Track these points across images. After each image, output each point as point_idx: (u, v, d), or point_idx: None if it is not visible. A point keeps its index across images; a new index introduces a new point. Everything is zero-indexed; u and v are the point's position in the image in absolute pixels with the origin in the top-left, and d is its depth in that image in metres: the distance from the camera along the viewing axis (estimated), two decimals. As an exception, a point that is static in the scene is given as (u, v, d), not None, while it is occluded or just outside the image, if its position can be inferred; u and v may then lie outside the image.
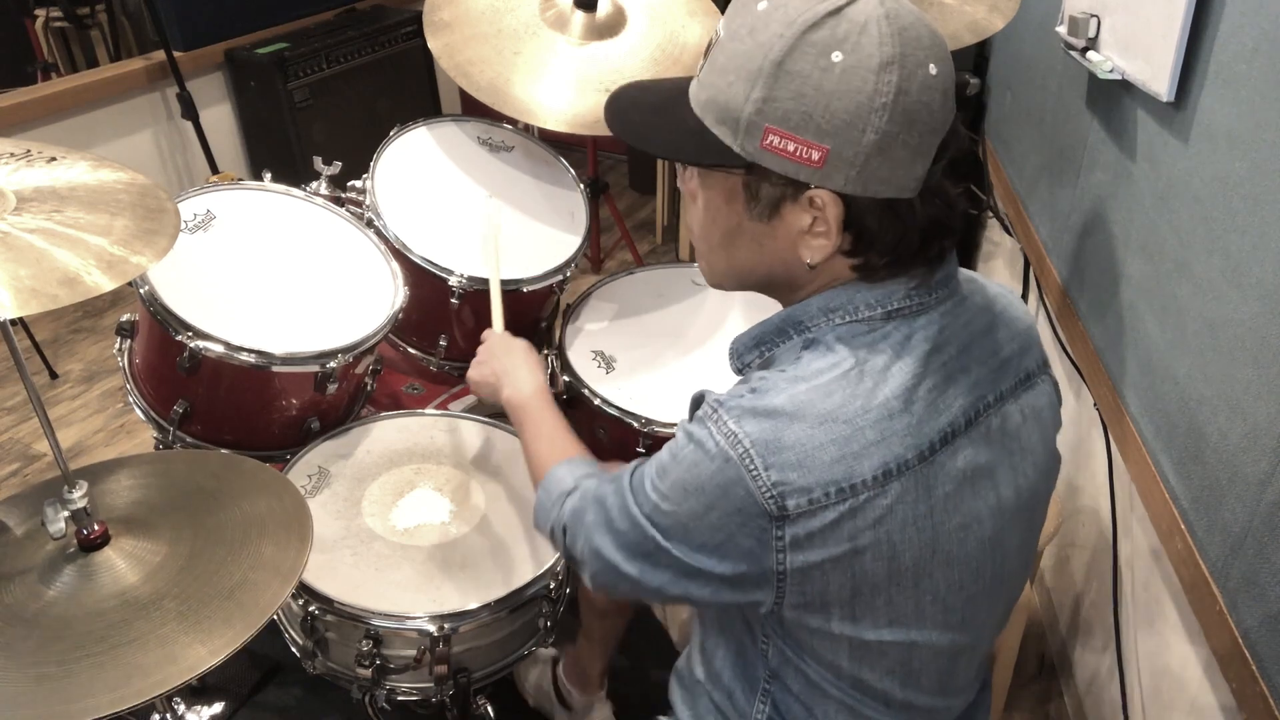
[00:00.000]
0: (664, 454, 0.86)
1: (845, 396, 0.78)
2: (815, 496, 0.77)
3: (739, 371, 0.92)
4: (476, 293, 1.60)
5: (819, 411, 0.77)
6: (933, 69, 0.75)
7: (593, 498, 0.94)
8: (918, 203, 0.78)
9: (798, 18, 0.75)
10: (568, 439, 1.14)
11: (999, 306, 0.91)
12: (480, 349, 1.34)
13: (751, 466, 0.77)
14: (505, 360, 1.28)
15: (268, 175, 1.67)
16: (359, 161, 1.73)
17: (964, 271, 0.90)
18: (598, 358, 1.61)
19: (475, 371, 1.31)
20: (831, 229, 0.79)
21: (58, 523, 1.08)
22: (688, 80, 0.85)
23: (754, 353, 0.89)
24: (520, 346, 1.31)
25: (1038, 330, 0.94)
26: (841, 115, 0.74)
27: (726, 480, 0.78)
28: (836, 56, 0.74)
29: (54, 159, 1.09)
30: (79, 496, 1.08)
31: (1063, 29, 1.62)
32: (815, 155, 0.76)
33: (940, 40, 0.78)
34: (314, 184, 1.70)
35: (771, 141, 0.77)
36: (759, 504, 0.77)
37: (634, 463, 0.92)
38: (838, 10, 0.74)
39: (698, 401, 0.86)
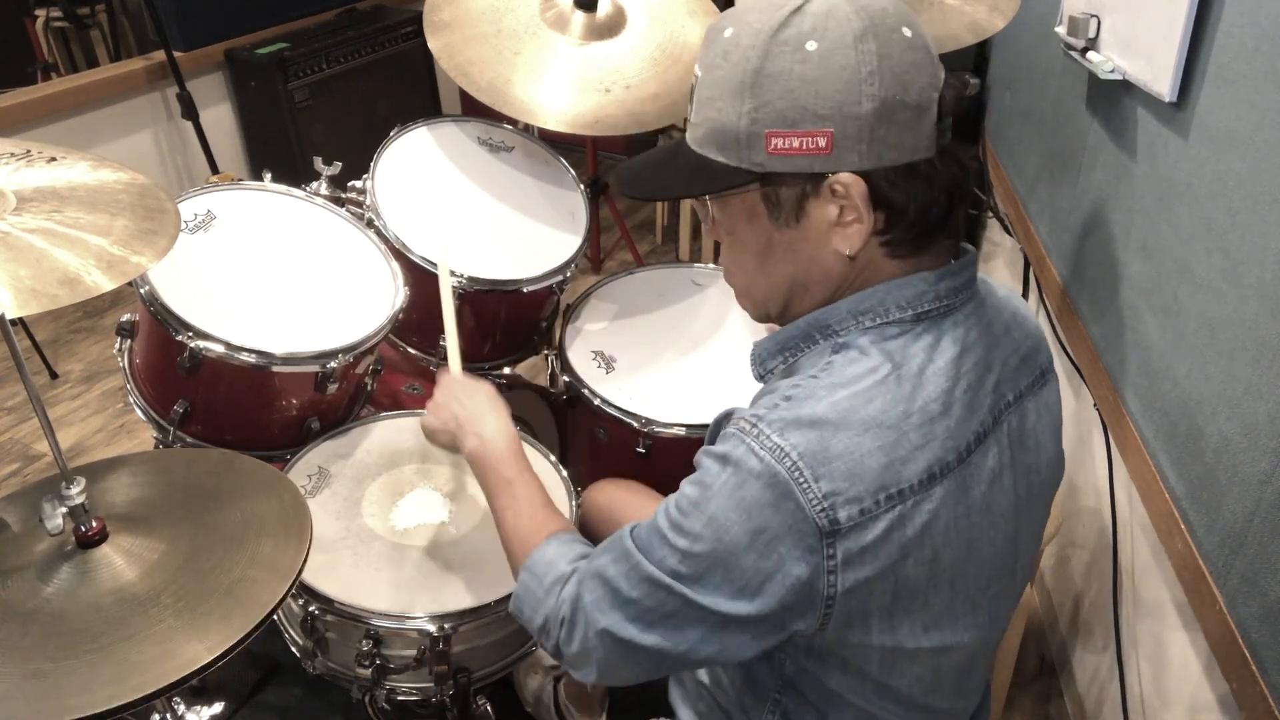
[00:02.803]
0: (688, 492, 0.81)
1: (887, 401, 0.78)
2: (866, 506, 0.76)
3: (761, 378, 0.90)
4: (477, 293, 1.60)
5: (863, 418, 0.77)
6: (906, 31, 0.77)
7: (590, 574, 0.87)
8: (938, 162, 0.79)
9: (763, 27, 0.77)
10: (548, 509, 1.03)
11: (1010, 307, 0.92)
12: (436, 390, 1.19)
13: (801, 479, 0.75)
14: (469, 405, 1.14)
15: (268, 175, 1.67)
16: (359, 161, 1.73)
17: None
18: (598, 358, 1.61)
19: (431, 417, 1.17)
20: (861, 210, 0.79)
21: (55, 519, 1.08)
22: (680, 138, 0.87)
23: (778, 359, 0.88)
24: (485, 391, 1.17)
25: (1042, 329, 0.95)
26: (833, 95, 0.75)
27: (776, 496, 0.75)
28: (811, 45, 0.75)
29: (54, 159, 1.09)
30: (77, 493, 1.08)
31: (1062, 29, 1.62)
32: (822, 141, 0.76)
33: (902, 8, 0.79)
34: (314, 184, 1.70)
35: (776, 145, 0.78)
36: (810, 519, 0.75)
37: (628, 525, 0.87)
38: (798, 9, 0.77)
39: (721, 422, 0.85)
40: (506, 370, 1.79)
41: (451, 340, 1.30)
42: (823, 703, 0.90)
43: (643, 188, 0.89)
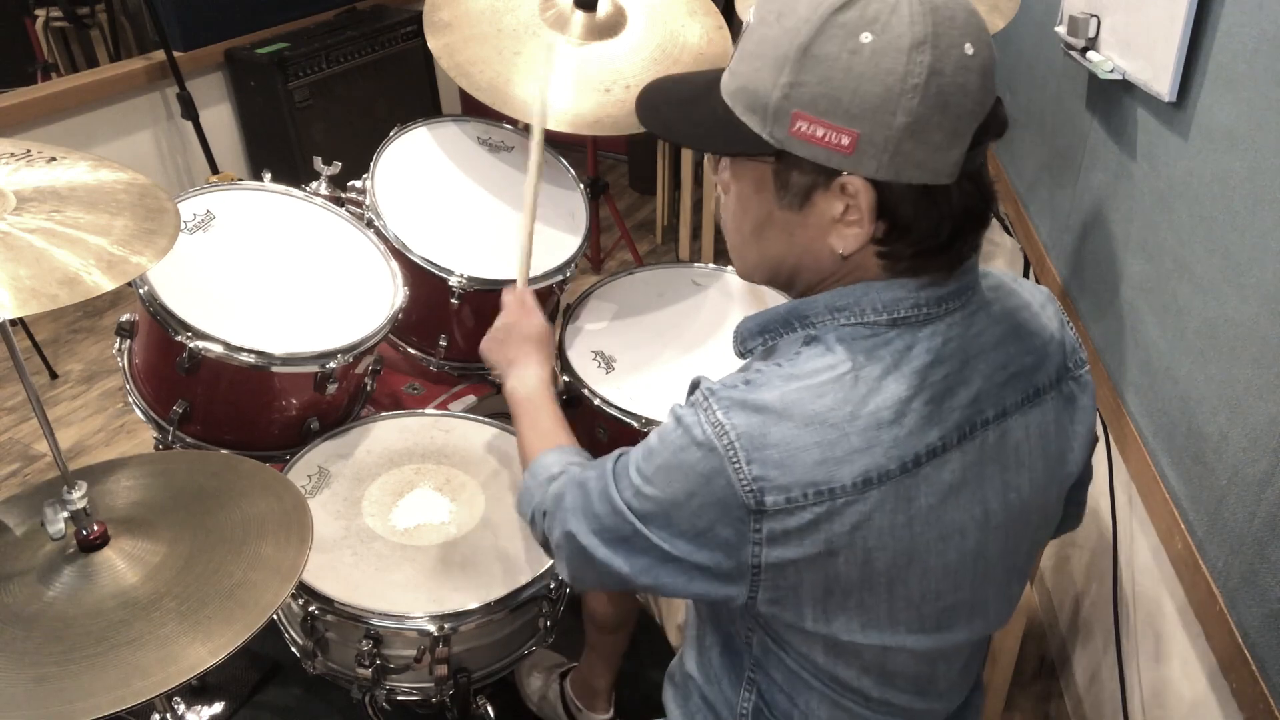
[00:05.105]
0: (652, 438, 0.85)
1: (836, 400, 0.77)
2: (793, 496, 0.76)
3: (741, 355, 0.91)
4: (476, 293, 1.60)
5: (808, 412, 0.77)
6: (969, 49, 0.72)
7: (574, 481, 0.93)
8: (954, 190, 0.76)
9: (825, 0, 0.73)
10: (561, 432, 1.13)
11: (1020, 318, 0.88)
12: (501, 317, 1.30)
13: (735, 459, 0.76)
14: (520, 348, 1.26)
15: (268, 175, 1.67)
16: (359, 161, 1.73)
17: (994, 275, 0.87)
18: (598, 358, 1.61)
19: (490, 349, 1.30)
20: (864, 217, 0.77)
21: (57, 523, 1.08)
22: (720, 72, 0.83)
23: (758, 339, 0.88)
24: (536, 334, 1.28)
25: (1064, 340, 0.91)
26: (871, 99, 0.72)
27: (710, 469, 0.78)
28: (866, 38, 0.71)
29: (54, 159, 1.09)
30: (78, 497, 1.08)
31: (1062, 29, 1.62)
32: (845, 140, 0.73)
33: (977, 20, 0.75)
34: (314, 184, 1.70)
35: (800, 128, 0.75)
36: (738, 496, 0.77)
37: (619, 450, 0.91)
38: None
39: (694, 387, 0.86)
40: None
41: (523, 252, 1.36)
42: (789, 685, 0.91)
43: (658, 122, 0.87)
